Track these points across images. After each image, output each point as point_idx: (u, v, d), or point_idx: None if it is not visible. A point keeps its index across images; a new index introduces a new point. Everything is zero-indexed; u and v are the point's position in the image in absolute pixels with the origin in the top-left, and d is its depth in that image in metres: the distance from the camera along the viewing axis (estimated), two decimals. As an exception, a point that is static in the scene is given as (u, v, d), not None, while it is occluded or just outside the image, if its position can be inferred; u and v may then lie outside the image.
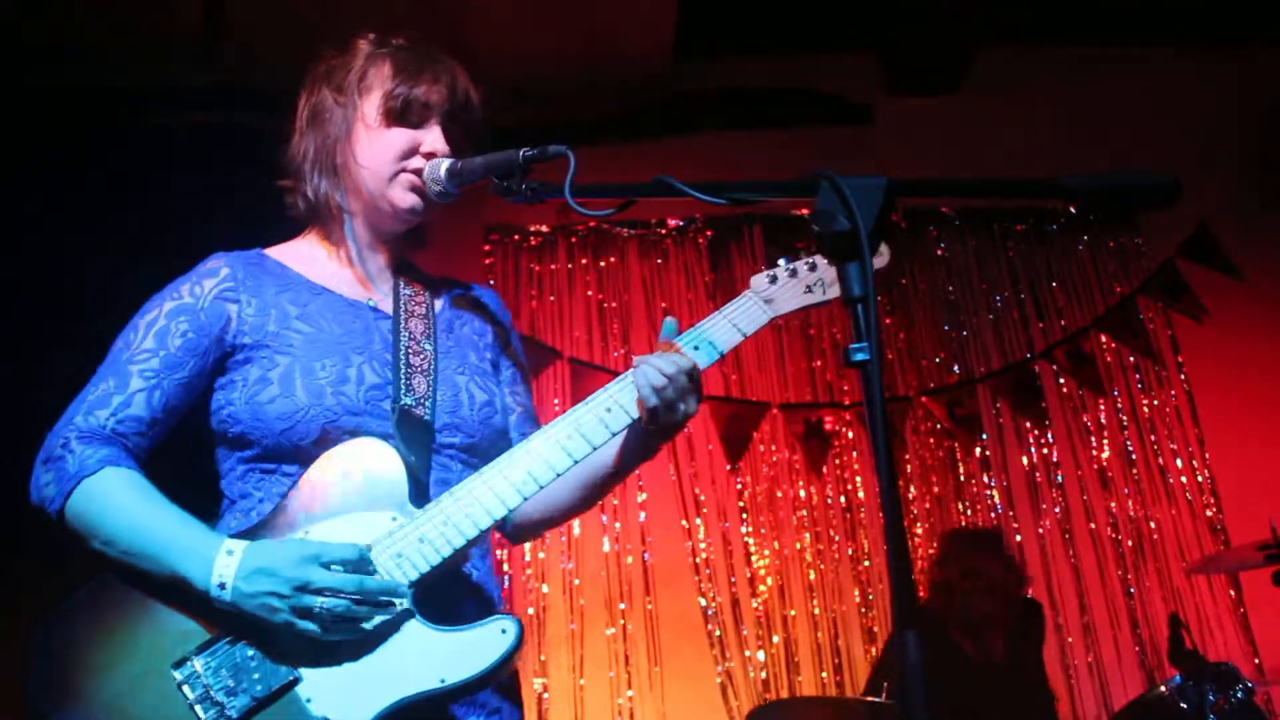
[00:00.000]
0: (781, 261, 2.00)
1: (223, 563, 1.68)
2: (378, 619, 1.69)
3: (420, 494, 1.81)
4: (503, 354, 2.10)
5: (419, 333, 1.96)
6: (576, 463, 1.82)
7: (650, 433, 1.86)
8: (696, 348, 1.88)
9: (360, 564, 1.70)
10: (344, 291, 1.98)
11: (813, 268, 1.98)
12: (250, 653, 1.69)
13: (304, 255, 2.02)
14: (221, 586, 1.67)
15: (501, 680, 1.81)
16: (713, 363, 1.88)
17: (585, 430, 1.82)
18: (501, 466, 1.80)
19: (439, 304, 2.07)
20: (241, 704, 1.66)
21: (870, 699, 3.89)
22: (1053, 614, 5.00)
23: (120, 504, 1.76)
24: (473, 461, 1.91)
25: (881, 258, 1.94)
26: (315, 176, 1.97)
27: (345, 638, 1.69)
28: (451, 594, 1.81)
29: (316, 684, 1.68)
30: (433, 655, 1.69)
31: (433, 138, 1.94)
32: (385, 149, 1.93)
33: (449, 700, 1.73)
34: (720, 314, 1.93)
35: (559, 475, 1.81)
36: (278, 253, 2.02)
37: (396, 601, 1.70)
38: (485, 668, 1.69)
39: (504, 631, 1.71)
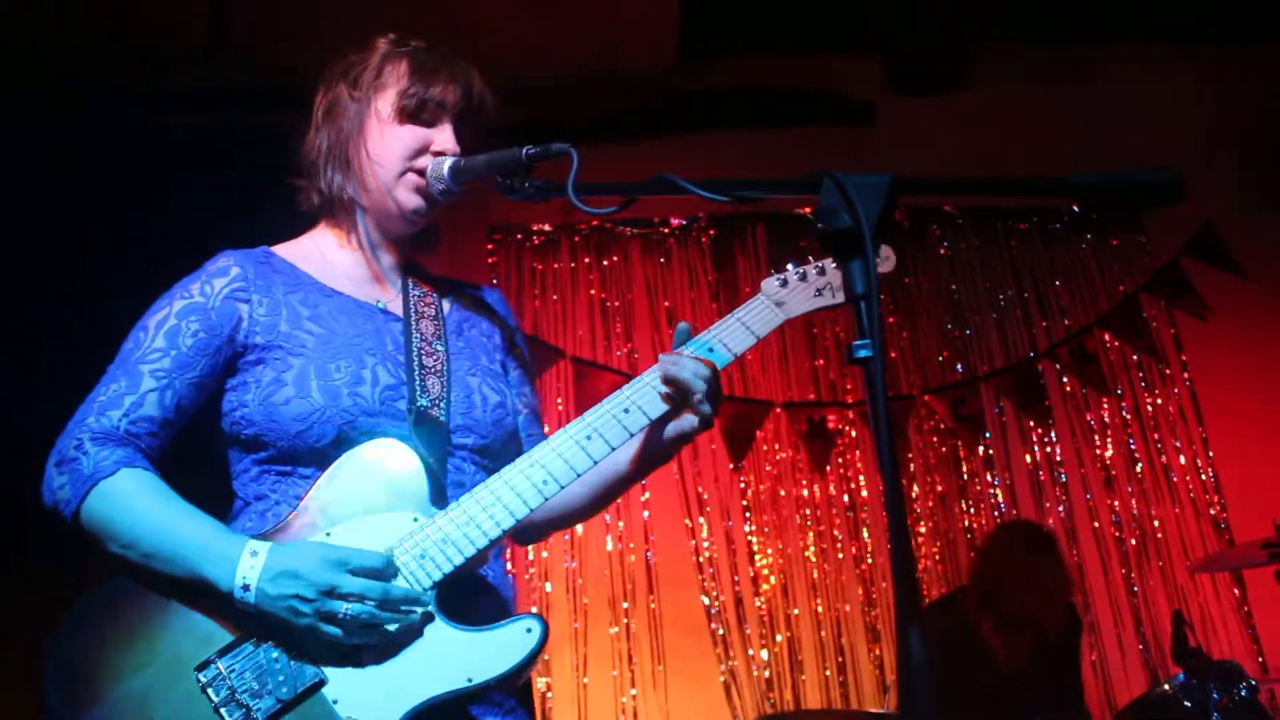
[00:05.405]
0: (790, 265, 2.03)
1: (247, 564, 1.66)
2: (400, 625, 1.69)
3: (438, 494, 1.81)
4: (510, 355, 2.11)
5: (430, 334, 1.96)
6: (596, 463, 1.82)
7: (669, 439, 1.89)
8: (711, 350, 1.91)
9: (385, 571, 1.70)
10: (353, 293, 1.97)
11: (821, 272, 2.01)
12: (275, 654, 1.68)
13: (311, 254, 2.01)
14: (245, 588, 1.65)
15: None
16: (727, 364, 1.92)
17: (604, 431, 1.83)
18: (522, 466, 1.81)
19: (447, 305, 2.07)
20: (267, 706, 1.64)
21: (874, 711, 3.85)
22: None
23: (139, 505, 1.73)
24: (485, 463, 1.91)
25: (887, 261, 1.98)
26: (329, 170, 1.97)
27: (367, 642, 1.68)
28: (469, 595, 1.81)
29: (342, 685, 1.68)
30: (459, 655, 1.70)
31: (444, 136, 1.94)
32: (395, 145, 1.93)
33: (471, 700, 1.73)
34: (732, 316, 1.97)
35: (579, 475, 1.82)
36: (285, 251, 2.01)
37: (418, 610, 1.70)
38: (511, 666, 1.70)
39: (529, 630, 1.73)
